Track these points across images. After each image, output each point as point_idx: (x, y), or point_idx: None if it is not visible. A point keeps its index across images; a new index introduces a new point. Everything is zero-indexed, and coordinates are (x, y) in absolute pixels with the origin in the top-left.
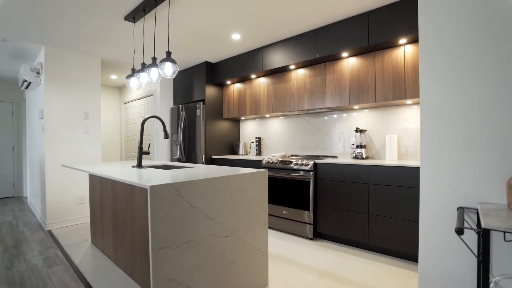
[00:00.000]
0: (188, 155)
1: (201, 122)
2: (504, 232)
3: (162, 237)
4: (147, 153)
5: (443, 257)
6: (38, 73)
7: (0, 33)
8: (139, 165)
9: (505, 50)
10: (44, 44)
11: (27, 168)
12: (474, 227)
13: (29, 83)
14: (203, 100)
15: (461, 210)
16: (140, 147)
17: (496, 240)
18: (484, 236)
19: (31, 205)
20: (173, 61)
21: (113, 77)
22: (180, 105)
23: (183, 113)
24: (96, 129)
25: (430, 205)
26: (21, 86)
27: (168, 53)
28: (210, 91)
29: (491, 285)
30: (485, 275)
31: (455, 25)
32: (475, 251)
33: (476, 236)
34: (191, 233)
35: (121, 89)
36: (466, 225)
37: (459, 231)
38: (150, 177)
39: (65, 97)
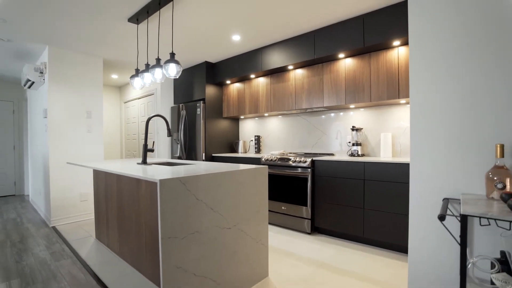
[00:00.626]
0: (189, 153)
1: (201, 121)
2: (480, 218)
3: (170, 228)
4: (152, 150)
5: (430, 244)
6: (42, 72)
7: (5, 34)
8: (144, 161)
9: (491, 53)
10: (48, 45)
11: (28, 166)
12: (457, 214)
13: (33, 83)
14: (203, 99)
15: (445, 200)
16: (145, 145)
17: (476, 226)
18: (462, 221)
19: (33, 202)
20: (177, 62)
21: (114, 76)
22: (181, 104)
23: (183, 112)
24: (99, 128)
25: (419, 197)
26: (24, 85)
27: (172, 54)
28: (210, 90)
29: (469, 266)
30: (463, 257)
31: (441, 29)
32: (458, 238)
33: (459, 224)
34: (196, 225)
35: (121, 88)
36: (449, 213)
37: (441, 217)
38: (158, 172)
39: (68, 97)
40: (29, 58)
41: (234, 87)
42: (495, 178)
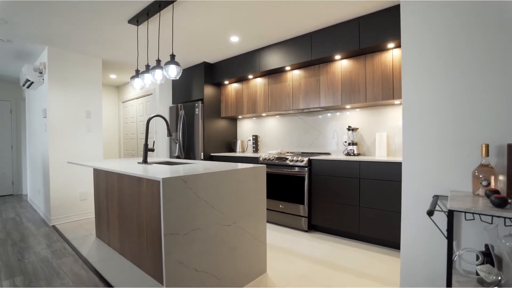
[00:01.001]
0: (187, 152)
1: (200, 121)
2: (465, 213)
3: (173, 225)
4: (152, 150)
5: (422, 240)
6: (41, 73)
7: (4, 34)
8: (145, 161)
9: (480, 56)
10: (47, 45)
11: (26, 166)
12: (445, 210)
13: (32, 83)
14: (201, 99)
15: (435, 197)
16: (146, 144)
17: (463, 221)
18: (449, 216)
19: (31, 202)
20: (177, 64)
21: (112, 76)
22: (179, 104)
23: (182, 112)
24: (98, 128)
25: (411, 195)
26: (23, 85)
27: (172, 56)
28: (209, 90)
29: (455, 258)
30: (449, 250)
31: (432, 33)
32: (446, 233)
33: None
34: (197, 222)
35: (119, 88)
36: (438, 209)
37: (430, 213)
38: (159, 171)
39: (68, 97)
40: (28, 58)
41: (232, 88)
42: (480, 176)
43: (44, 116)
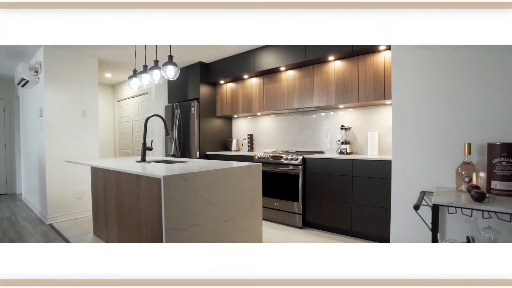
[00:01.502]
0: (183, 151)
1: (196, 120)
2: (448, 207)
3: (173, 220)
4: (150, 148)
5: (409, 233)
6: (37, 71)
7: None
8: (143, 159)
9: (468, 60)
10: (43, 44)
11: (20, 165)
12: (431, 205)
13: (27, 82)
14: (197, 98)
15: (422, 193)
16: (144, 143)
17: (447, 214)
18: (434, 210)
19: (26, 201)
20: (175, 64)
21: (107, 75)
22: (175, 103)
23: (177, 111)
24: (94, 127)
25: (400, 191)
26: (18, 84)
27: (170, 57)
28: (204, 90)
29: None
30: (434, 241)
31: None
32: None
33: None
34: (196, 218)
35: (114, 87)
36: (425, 204)
37: (416, 207)
38: (159, 170)
39: (64, 96)
40: (23, 57)
41: (228, 87)
42: (463, 173)
43: (40, 115)
